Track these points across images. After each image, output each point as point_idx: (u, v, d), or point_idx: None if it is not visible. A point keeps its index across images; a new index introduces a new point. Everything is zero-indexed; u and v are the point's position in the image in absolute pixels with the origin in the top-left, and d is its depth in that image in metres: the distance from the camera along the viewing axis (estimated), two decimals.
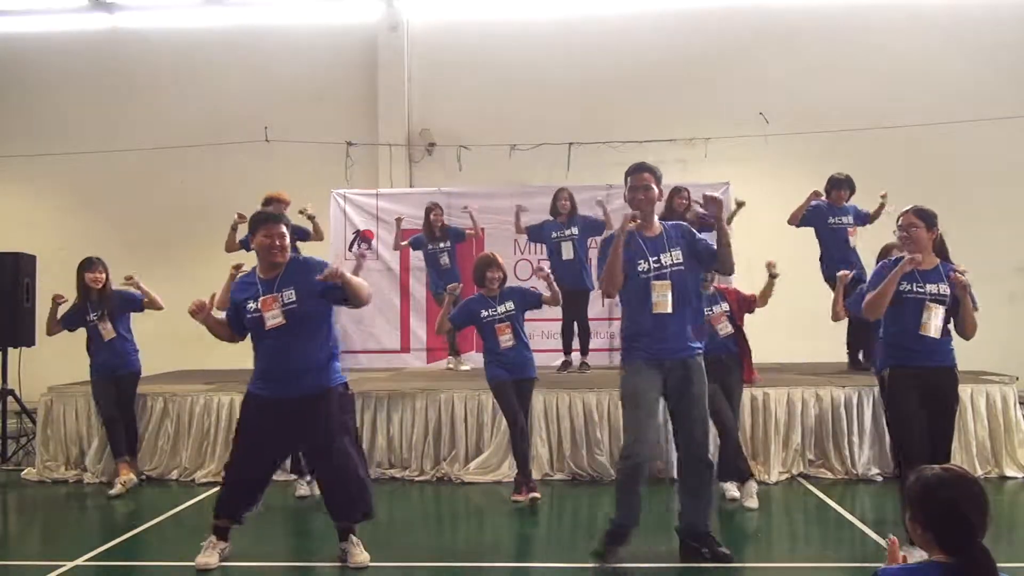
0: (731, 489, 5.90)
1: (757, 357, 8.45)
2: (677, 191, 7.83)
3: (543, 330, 8.32)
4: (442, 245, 8.32)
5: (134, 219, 11.29)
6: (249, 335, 4.52)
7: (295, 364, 4.37)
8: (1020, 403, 6.82)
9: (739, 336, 5.94)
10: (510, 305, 5.90)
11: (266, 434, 4.42)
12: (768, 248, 8.69)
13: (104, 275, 6.71)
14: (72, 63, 11.59)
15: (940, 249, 4.64)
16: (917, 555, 2.24)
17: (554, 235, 7.90)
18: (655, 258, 4.46)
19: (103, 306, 6.67)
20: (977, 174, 10.45)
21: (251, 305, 4.40)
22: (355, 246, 9.26)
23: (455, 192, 9.38)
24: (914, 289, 4.49)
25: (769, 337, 8.05)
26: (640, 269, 4.46)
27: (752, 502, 5.73)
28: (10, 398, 7.87)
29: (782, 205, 7.73)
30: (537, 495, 5.86)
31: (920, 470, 2.20)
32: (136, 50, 11.53)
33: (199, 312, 4.37)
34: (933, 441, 4.48)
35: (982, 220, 10.29)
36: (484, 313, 5.90)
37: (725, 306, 5.90)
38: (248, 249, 7.60)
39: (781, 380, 7.05)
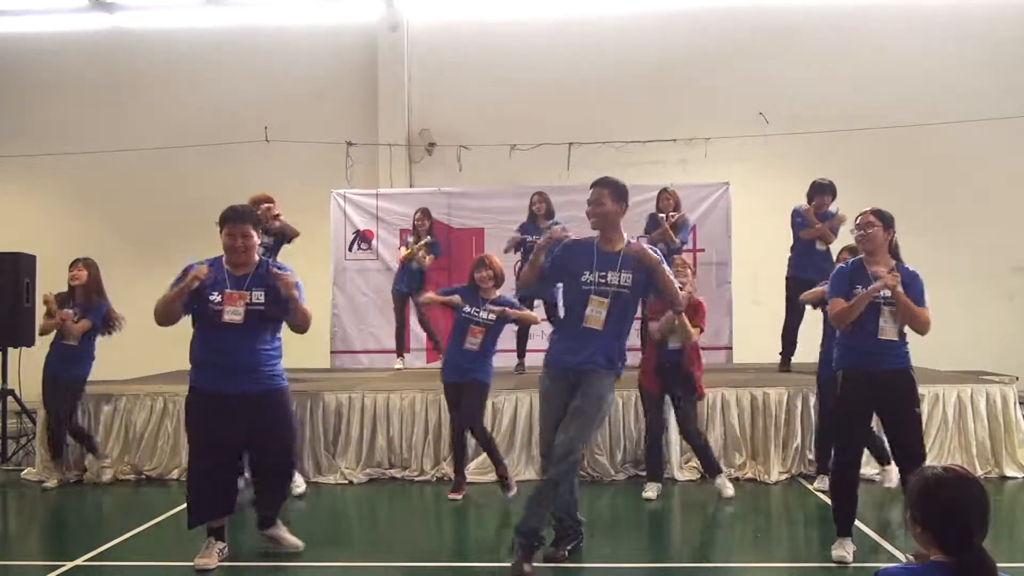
0: (727, 488, 5.94)
1: (757, 357, 8.54)
2: (662, 192, 7.94)
3: (543, 330, 8.30)
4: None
5: (134, 219, 11.30)
6: (194, 321, 4.50)
7: (243, 361, 4.37)
8: (1020, 403, 6.82)
9: (689, 348, 5.94)
10: (492, 317, 5.91)
11: (216, 429, 4.37)
12: (767, 248, 8.76)
13: (85, 273, 6.63)
14: (72, 63, 11.59)
15: (893, 251, 4.62)
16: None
17: (529, 239, 7.80)
18: (602, 273, 4.42)
19: (84, 310, 6.59)
20: (977, 174, 10.46)
21: (215, 296, 4.36)
22: (355, 246, 9.27)
23: (455, 192, 9.39)
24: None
25: (768, 338, 8.08)
26: (583, 279, 4.43)
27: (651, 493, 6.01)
28: (10, 398, 7.87)
29: (782, 205, 7.73)
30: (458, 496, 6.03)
31: (922, 469, 2.20)
32: (136, 50, 11.53)
33: (200, 279, 4.29)
34: (903, 443, 4.48)
35: (982, 220, 10.31)
36: (467, 308, 5.92)
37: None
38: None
39: (781, 380, 7.05)
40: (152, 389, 7.15)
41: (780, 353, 7.71)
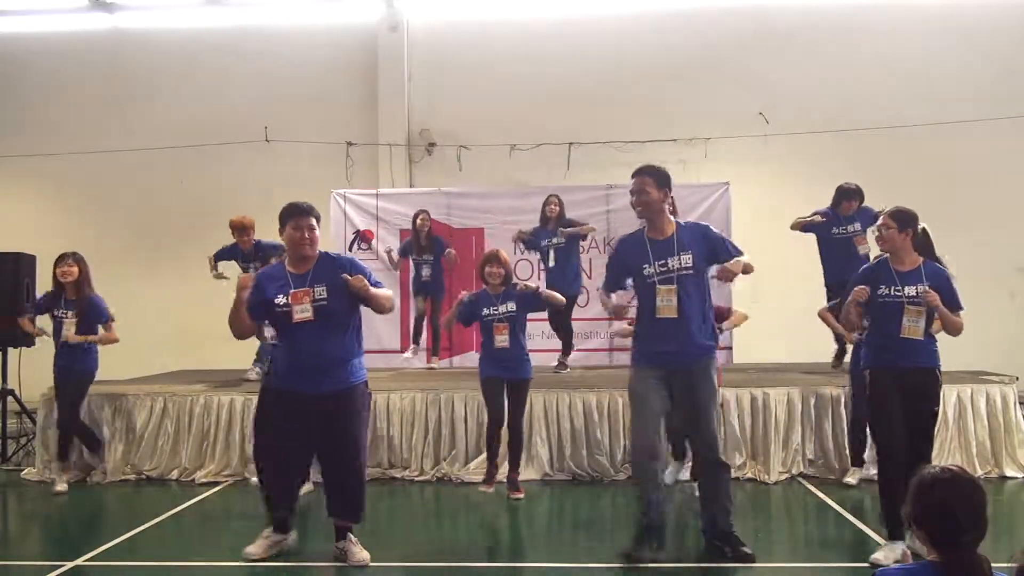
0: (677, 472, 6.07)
1: (757, 357, 8.54)
2: None
3: (543, 330, 8.32)
4: (425, 256, 8.32)
5: (134, 219, 11.30)
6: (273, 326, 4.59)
7: (320, 360, 4.40)
8: (1020, 403, 6.82)
9: None
10: (511, 306, 5.91)
11: (288, 429, 4.42)
12: (767, 248, 8.75)
13: (76, 269, 6.58)
14: (72, 63, 11.58)
15: (924, 247, 4.61)
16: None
17: (543, 243, 7.91)
18: (661, 262, 4.44)
19: (77, 306, 6.56)
20: (977, 174, 10.44)
21: (280, 299, 4.40)
22: (354, 246, 9.27)
23: (455, 192, 9.39)
24: (892, 293, 4.48)
25: (769, 337, 8.08)
26: (646, 273, 4.45)
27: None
28: (10, 398, 7.87)
29: (782, 205, 7.73)
30: (520, 494, 5.99)
31: (921, 469, 2.21)
32: (136, 50, 11.53)
33: (247, 287, 4.38)
34: (913, 441, 4.48)
35: (983, 220, 10.30)
36: (485, 311, 5.93)
37: None
38: (228, 258, 7.41)
39: (781, 380, 7.05)
40: (152, 389, 7.16)
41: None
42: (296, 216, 4.50)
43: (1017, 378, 7.09)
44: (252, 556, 4.50)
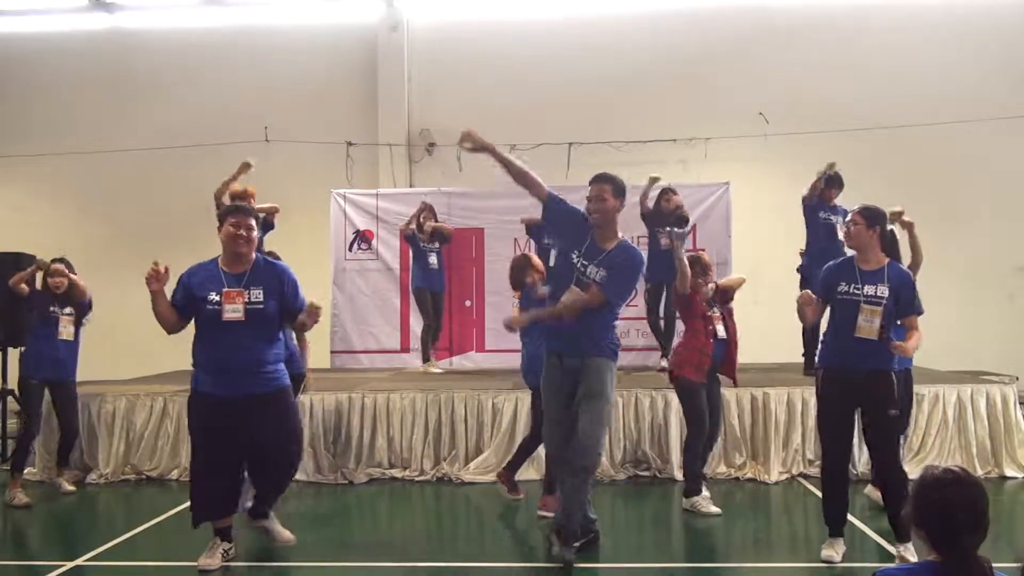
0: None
1: (757, 357, 8.53)
2: (664, 193, 7.99)
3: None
4: (432, 245, 8.36)
5: (134, 219, 11.30)
6: (195, 325, 4.47)
7: (245, 361, 4.34)
8: (1020, 403, 6.83)
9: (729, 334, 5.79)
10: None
11: (217, 432, 4.36)
12: (767, 248, 8.79)
13: (65, 280, 6.39)
14: (72, 63, 11.60)
15: (890, 248, 4.58)
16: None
17: (547, 242, 7.92)
18: (585, 262, 4.50)
19: (73, 303, 6.46)
20: (977, 174, 10.46)
21: (213, 296, 4.35)
22: (355, 246, 9.27)
23: (455, 192, 9.39)
24: (851, 291, 4.43)
25: (770, 337, 8.08)
26: (572, 259, 4.55)
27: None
28: (10, 398, 7.86)
29: (782, 205, 7.73)
30: (520, 495, 5.99)
31: (924, 469, 2.21)
32: (136, 50, 11.54)
33: (156, 280, 4.31)
34: (873, 445, 4.47)
35: (982, 220, 10.32)
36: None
37: (718, 310, 5.81)
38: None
39: (781, 380, 7.05)
40: (152, 389, 7.16)
41: (803, 355, 7.49)
42: (236, 214, 4.49)
43: (1017, 378, 7.11)
44: (209, 567, 4.40)
